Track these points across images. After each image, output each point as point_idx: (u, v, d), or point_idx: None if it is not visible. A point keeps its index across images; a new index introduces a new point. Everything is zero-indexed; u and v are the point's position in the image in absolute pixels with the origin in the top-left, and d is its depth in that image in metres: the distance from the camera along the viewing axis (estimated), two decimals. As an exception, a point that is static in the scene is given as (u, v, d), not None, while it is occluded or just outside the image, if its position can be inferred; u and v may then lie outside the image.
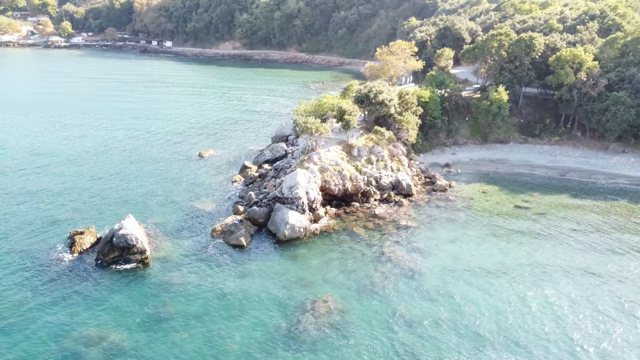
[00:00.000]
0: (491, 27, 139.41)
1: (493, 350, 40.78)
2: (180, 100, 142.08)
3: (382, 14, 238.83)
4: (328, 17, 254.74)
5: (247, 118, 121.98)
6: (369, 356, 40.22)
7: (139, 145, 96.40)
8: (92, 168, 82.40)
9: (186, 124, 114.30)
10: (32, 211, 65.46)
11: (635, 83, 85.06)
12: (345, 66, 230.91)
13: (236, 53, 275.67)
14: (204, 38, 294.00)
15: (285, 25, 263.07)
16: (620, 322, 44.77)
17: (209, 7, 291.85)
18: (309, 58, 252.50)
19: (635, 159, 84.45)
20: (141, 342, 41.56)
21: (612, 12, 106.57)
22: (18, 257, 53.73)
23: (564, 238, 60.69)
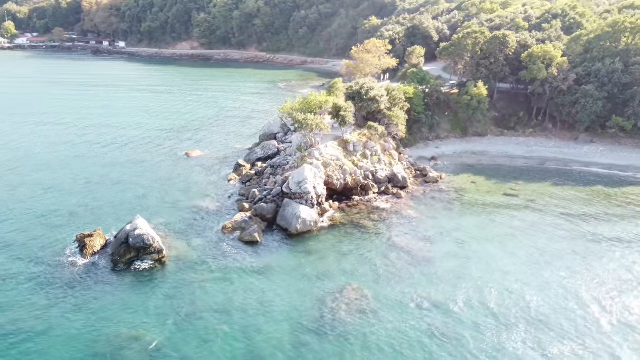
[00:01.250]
0: (457, 26, 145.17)
1: (511, 325, 43.60)
2: (152, 102, 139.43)
3: (343, 13, 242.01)
4: (288, 17, 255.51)
5: (224, 118, 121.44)
6: (402, 339, 42.00)
7: (121, 147, 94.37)
8: (78, 172, 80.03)
9: (164, 125, 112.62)
10: (28, 218, 63.28)
11: (601, 77, 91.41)
12: (308, 65, 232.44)
13: (195, 53, 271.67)
14: (160, 38, 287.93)
15: (245, 24, 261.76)
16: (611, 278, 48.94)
17: (164, 6, 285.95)
18: (270, 57, 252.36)
19: (604, 148, 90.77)
20: (177, 340, 41.60)
21: (572, 11, 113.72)
22: (28, 265, 52.02)
23: (555, 221, 64.97)
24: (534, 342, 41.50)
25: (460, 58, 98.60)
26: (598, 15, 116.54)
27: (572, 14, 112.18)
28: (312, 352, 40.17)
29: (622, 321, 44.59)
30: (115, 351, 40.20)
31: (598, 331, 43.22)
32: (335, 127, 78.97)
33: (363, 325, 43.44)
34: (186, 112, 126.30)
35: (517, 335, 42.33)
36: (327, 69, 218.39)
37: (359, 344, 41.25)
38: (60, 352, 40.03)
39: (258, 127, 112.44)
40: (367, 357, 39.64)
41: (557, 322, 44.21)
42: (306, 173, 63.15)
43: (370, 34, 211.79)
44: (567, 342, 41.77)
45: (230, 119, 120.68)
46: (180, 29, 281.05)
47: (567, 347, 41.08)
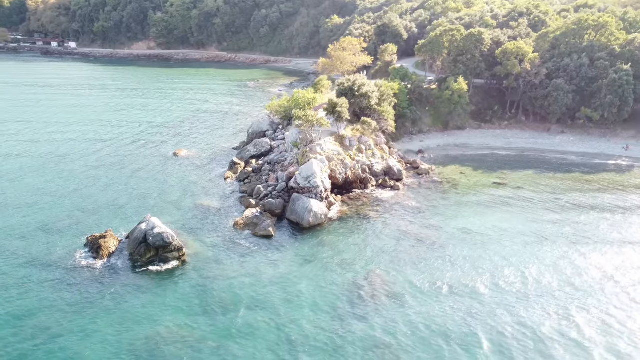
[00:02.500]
0: (424, 25, 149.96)
1: (524, 300, 46.78)
2: (122, 103, 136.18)
3: (304, 12, 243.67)
4: (249, 16, 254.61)
5: (201, 118, 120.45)
6: (430, 319, 44.14)
7: (104, 149, 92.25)
8: (66, 175, 77.98)
9: (143, 125, 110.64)
10: (26, 224, 61.28)
11: (569, 71, 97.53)
12: (272, 64, 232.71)
13: (152, 53, 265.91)
14: (115, 38, 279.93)
15: (204, 24, 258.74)
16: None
17: (117, 5, 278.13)
18: (232, 57, 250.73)
19: (574, 138, 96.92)
20: (214, 335, 41.95)
21: (536, 9, 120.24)
22: (43, 271, 50.53)
23: (545, 205, 69.44)
24: (550, 310, 44.79)
25: (439, 55, 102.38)
26: (557, 14, 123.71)
27: (536, 12, 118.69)
28: (351, 336, 41.63)
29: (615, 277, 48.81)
30: (156, 350, 40.20)
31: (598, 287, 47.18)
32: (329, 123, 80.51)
33: (390, 310, 45.27)
34: (162, 113, 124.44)
35: (534, 306, 45.52)
36: (292, 68, 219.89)
37: (394, 326, 43.07)
38: (99, 355, 39.61)
39: (239, 126, 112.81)
40: (406, 338, 41.53)
41: (572, 291, 47.79)
42: (314, 167, 64.52)
43: (334, 32, 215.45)
44: (577, 306, 45.41)
45: (208, 118, 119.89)
46: (136, 28, 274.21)
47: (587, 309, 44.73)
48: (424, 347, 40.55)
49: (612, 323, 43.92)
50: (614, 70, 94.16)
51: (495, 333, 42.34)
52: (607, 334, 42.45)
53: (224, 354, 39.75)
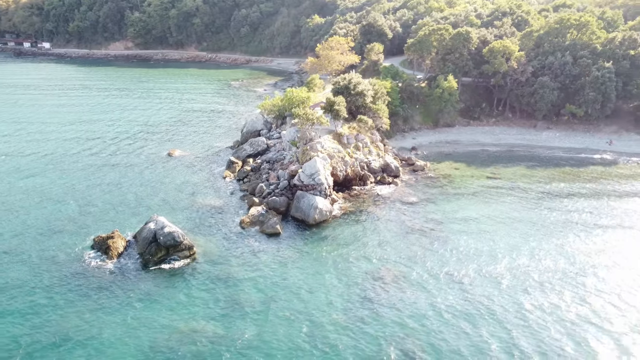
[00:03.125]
0: (408, 24, 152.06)
1: (537, 285, 48.64)
2: (110, 104, 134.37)
3: (284, 12, 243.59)
4: (229, 15, 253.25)
5: (190, 118, 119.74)
6: (451, 305, 45.54)
7: (96, 150, 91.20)
8: (59, 177, 76.98)
9: (133, 126, 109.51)
10: (29, 225, 60.66)
11: (554, 69, 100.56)
12: (253, 64, 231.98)
13: (130, 54, 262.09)
14: (91, 38, 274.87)
15: (183, 23, 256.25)
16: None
17: (93, 5, 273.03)
18: (212, 57, 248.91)
19: (560, 133, 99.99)
20: (234, 330, 42.37)
21: (518, 9, 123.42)
22: (54, 273, 50.16)
23: (540, 197, 71.81)
24: (550, 292, 46.69)
25: (428, 53, 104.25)
26: (537, 13, 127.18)
27: (519, 12, 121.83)
28: (367, 326, 42.59)
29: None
30: (177, 346, 40.43)
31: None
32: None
33: (403, 302, 46.42)
34: (151, 113, 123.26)
35: (538, 293, 47.31)
36: (274, 68, 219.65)
37: (406, 317, 44.17)
38: (122, 354, 39.66)
39: (230, 125, 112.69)
40: (417, 328, 42.70)
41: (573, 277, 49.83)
42: (318, 165, 65.29)
43: (315, 32, 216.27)
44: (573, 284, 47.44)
45: (198, 118, 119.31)
46: (112, 28, 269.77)
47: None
48: (453, 332, 41.83)
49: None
50: (596, 67, 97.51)
51: (517, 315, 43.98)
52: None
53: (247, 348, 40.17)
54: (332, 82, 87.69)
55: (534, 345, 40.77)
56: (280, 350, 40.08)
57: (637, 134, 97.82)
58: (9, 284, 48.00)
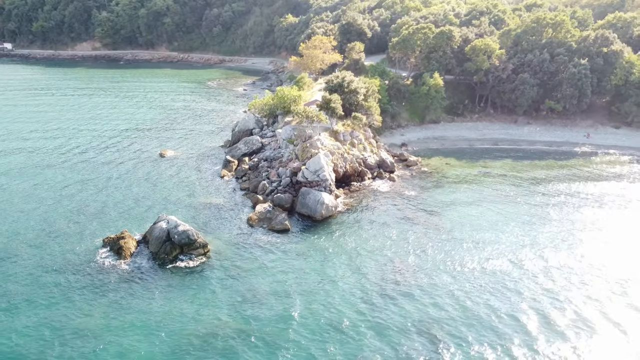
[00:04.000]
0: (385, 23, 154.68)
1: (543, 271, 51.27)
2: (88, 105, 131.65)
3: (257, 11, 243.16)
4: (200, 15, 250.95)
5: (174, 118, 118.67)
6: (467, 293, 47.45)
7: (86, 152, 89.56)
8: (52, 180, 75.54)
9: (118, 128, 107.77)
10: (33, 229, 59.58)
11: (533, 66, 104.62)
12: (227, 64, 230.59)
13: (99, 54, 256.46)
14: (56, 39, 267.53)
15: (153, 23, 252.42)
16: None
17: (58, 4, 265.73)
18: (184, 57, 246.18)
19: (540, 128, 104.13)
20: (259, 323, 43.02)
21: (495, 8, 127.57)
22: (69, 275, 49.41)
23: (530, 188, 75.07)
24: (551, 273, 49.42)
25: (412, 51, 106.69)
26: (512, 12, 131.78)
27: (495, 11, 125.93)
28: (389, 313, 44.02)
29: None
30: (203, 344, 40.55)
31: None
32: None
33: (421, 289, 48.16)
34: (132, 114, 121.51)
35: (554, 275, 49.91)
36: (248, 67, 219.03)
37: (423, 305, 45.80)
38: (149, 353, 39.71)
39: (217, 125, 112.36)
40: (438, 314, 44.45)
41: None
42: (322, 161, 66.35)
43: (289, 31, 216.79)
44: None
45: (182, 119, 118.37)
46: (79, 28, 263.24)
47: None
48: (474, 319, 43.58)
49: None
50: (572, 64, 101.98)
51: (531, 300, 46.17)
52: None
53: (272, 342, 40.72)
54: (325, 81, 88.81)
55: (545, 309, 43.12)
56: (306, 340, 40.93)
57: (612, 128, 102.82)
58: (23, 290, 47.11)
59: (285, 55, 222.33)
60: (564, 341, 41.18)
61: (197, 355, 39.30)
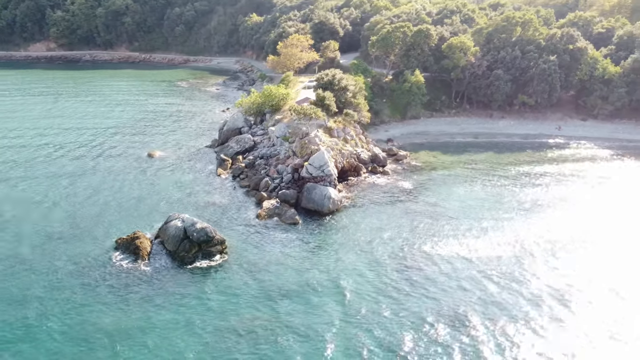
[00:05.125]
0: (356, 22, 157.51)
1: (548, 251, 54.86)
2: (58, 108, 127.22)
3: (220, 10, 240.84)
4: (161, 14, 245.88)
5: (151, 119, 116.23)
6: (481, 276, 50.28)
7: (68, 156, 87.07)
8: (42, 183, 73.78)
9: (96, 130, 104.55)
10: (37, 233, 58.25)
11: (506, 63, 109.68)
12: (192, 64, 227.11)
13: (54, 55, 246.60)
14: (8, 39, 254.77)
15: (112, 22, 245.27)
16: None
17: (8, 3, 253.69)
18: (146, 57, 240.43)
19: (514, 122, 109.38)
20: (297, 314, 43.98)
21: (464, 7, 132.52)
22: (86, 279, 48.37)
23: (516, 177, 79.88)
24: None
25: (392, 49, 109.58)
26: (480, 11, 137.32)
27: (465, 10, 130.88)
28: (417, 298, 46.19)
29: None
30: (239, 337, 41.05)
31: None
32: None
33: (437, 273, 50.71)
34: (107, 116, 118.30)
35: (561, 255, 53.52)
36: (214, 67, 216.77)
37: (449, 288, 48.34)
38: (183, 351, 40.06)
39: (197, 125, 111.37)
40: (462, 297, 47.02)
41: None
42: (326, 157, 67.80)
43: (255, 30, 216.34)
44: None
45: (160, 119, 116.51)
46: (32, 28, 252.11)
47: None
48: (496, 299, 46.27)
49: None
50: (542, 61, 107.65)
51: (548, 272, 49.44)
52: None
53: (312, 334, 41.82)
54: (315, 78, 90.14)
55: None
56: (345, 328, 42.40)
57: (580, 120, 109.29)
58: (47, 296, 46.15)
59: (251, 55, 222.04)
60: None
61: (245, 347, 39.94)
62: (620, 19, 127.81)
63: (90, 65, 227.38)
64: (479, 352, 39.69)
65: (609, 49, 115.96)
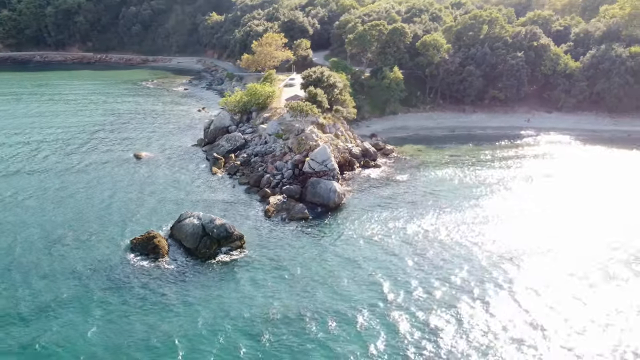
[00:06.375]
0: (324, 21, 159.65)
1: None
2: (22, 110, 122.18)
3: (178, 9, 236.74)
4: (116, 13, 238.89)
5: (128, 120, 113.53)
6: (496, 243, 53.57)
7: (51, 159, 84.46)
8: (30, 187, 71.62)
9: (72, 132, 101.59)
10: (45, 238, 56.86)
11: (476, 59, 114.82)
12: (151, 64, 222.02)
13: (2, 56, 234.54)
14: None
15: (63, 22, 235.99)
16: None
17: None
18: (101, 57, 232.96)
19: (486, 116, 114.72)
20: (328, 304, 45.20)
21: (431, 6, 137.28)
22: (110, 283, 47.39)
23: (499, 165, 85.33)
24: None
25: (370, 46, 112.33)
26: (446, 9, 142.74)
27: (432, 9, 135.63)
28: (438, 282, 48.72)
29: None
30: (273, 329, 41.88)
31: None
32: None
33: (449, 258, 53.57)
34: (79, 118, 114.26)
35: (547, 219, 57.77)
36: (175, 67, 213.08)
37: (466, 272, 51.10)
38: (222, 342, 40.75)
39: (175, 125, 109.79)
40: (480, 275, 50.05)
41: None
42: (328, 152, 69.37)
43: (215, 30, 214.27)
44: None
45: (135, 120, 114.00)
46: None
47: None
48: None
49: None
50: (510, 57, 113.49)
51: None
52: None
53: (340, 319, 43.28)
54: (302, 76, 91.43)
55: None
56: (376, 315, 44.23)
57: (546, 113, 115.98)
58: (75, 300, 45.47)
59: (212, 54, 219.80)
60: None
61: (288, 337, 41.00)
62: (575, 17, 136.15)
63: (43, 66, 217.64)
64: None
65: (568, 46, 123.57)
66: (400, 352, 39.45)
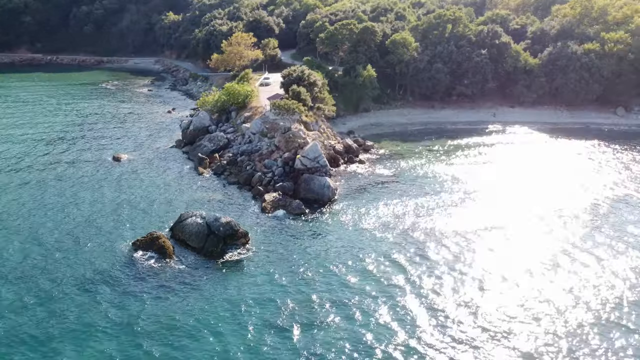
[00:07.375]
0: (289, 20, 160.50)
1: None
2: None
3: (132, 9, 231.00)
4: (66, 13, 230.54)
5: (95, 122, 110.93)
6: (481, 239, 56.59)
7: (26, 163, 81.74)
8: (25, 192, 69.17)
9: (40, 135, 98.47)
10: (45, 244, 55.31)
11: (443, 57, 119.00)
12: (106, 65, 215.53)
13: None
14: None
15: (9, 22, 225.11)
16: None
17: None
18: (52, 59, 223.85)
19: (454, 111, 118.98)
20: (344, 294, 46.50)
21: (395, 6, 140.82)
22: (118, 288, 46.68)
23: (474, 154, 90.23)
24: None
25: (341, 45, 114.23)
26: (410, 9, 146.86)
27: (397, 9, 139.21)
28: (441, 265, 51.16)
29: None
30: (292, 321, 42.72)
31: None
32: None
33: (449, 249, 56.18)
34: (44, 122, 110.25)
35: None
36: (133, 68, 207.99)
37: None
38: (236, 338, 41.31)
39: (148, 127, 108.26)
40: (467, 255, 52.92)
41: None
42: (319, 148, 70.60)
43: (173, 30, 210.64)
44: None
45: (104, 123, 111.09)
46: None
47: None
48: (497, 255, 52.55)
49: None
50: (475, 54, 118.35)
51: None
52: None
53: (353, 308, 44.87)
54: (282, 75, 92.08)
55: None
56: (389, 302, 46.04)
57: (509, 107, 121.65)
58: (91, 304, 44.83)
59: (171, 54, 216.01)
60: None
61: (314, 324, 42.08)
62: (530, 16, 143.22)
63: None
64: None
65: (527, 43, 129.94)
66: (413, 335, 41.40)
